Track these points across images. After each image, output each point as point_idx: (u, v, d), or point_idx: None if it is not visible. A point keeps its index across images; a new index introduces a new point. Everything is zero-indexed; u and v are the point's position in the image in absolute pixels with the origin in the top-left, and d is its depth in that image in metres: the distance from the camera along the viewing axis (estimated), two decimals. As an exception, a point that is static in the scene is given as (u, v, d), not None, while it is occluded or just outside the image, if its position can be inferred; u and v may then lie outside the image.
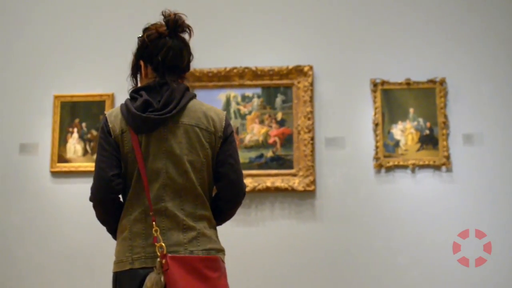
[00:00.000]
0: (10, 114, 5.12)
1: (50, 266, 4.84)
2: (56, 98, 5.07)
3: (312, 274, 4.73)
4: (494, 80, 4.86)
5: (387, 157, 4.78)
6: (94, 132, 5.00)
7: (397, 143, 4.80)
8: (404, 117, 4.82)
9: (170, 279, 2.21)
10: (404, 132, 4.78)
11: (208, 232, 2.41)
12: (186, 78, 2.56)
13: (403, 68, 4.88)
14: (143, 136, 2.38)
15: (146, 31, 2.51)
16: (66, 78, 5.10)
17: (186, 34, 2.54)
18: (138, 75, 2.59)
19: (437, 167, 4.77)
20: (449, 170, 4.75)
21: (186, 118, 2.41)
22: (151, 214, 2.32)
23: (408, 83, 4.84)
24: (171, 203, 2.36)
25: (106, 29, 5.17)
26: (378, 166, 4.79)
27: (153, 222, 2.31)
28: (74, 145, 5.00)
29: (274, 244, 4.78)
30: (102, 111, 4.98)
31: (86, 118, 5.05)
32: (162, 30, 2.45)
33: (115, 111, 2.47)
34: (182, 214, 2.36)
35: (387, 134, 4.80)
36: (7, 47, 5.24)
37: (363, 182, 4.82)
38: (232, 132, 2.51)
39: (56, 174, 4.96)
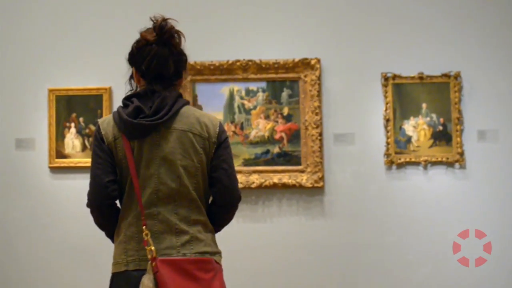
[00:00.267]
0: (4, 108, 5.04)
1: (51, 263, 4.84)
2: (50, 92, 4.97)
3: (320, 272, 4.72)
4: (510, 75, 4.77)
5: (399, 153, 4.72)
6: (92, 127, 4.92)
7: (409, 139, 4.74)
8: (416, 112, 4.75)
9: (160, 281, 2.26)
10: (416, 128, 4.73)
11: (201, 236, 2.44)
12: (178, 85, 2.57)
13: (416, 61, 4.79)
14: (136, 142, 2.41)
15: (139, 38, 2.52)
16: (61, 71, 5.01)
17: (182, 39, 2.55)
18: (133, 80, 2.62)
19: (450, 164, 4.72)
20: (462, 167, 4.71)
21: (178, 124, 2.44)
22: (142, 218, 2.37)
23: (421, 77, 4.76)
24: (164, 208, 2.40)
25: (102, 19, 5.05)
26: (389, 163, 4.73)
27: (143, 227, 2.36)
28: (72, 140, 4.96)
29: (281, 241, 4.76)
30: (100, 106, 4.92)
31: (83, 112, 4.97)
32: (150, 37, 2.44)
33: (108, 119, 2.50)
34: (175, 219, 2.40)
35: (399, 130, 4.74)
36: (-1, 39, 5.13)
37: (374, 179, 4.77)
38: (226, 138, 2.53)
39: (55, 169, 4.92)
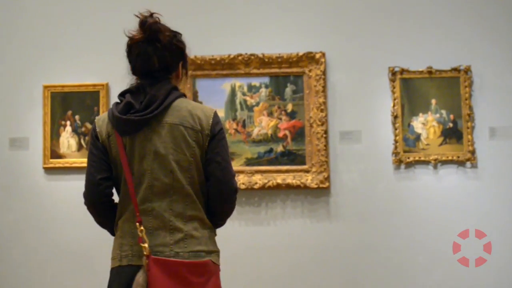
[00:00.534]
0: (-3, 105, 5.01)
1: (46, 267, 4.79)
2: (45, 88, 4.91)
3: (326, 277, 4.66)
4: (524, 68, 4.75)
5: (407, 152, 4.67)
6: (88, 125, 4.86)
7: (418, 137, 4.68)
8: (425, 108, 4.69)
9: (150, 281, 2.29)
10: (425, 125, 4.67)
11: (197, 233, 2.43)
12: (175, 77, 2.58)
13: (425, 55, 4.74)
14: (128, 138, 2.44)
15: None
16: (56, 67, 4.96)
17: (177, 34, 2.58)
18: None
19: (461, 163, 4.66)
20: (474, 166, 4.65)
21: (170, 117, 2.44)
22: (137, 214, 2.39)
23: (430, 72, 4.70)
24: (159, 203, 2.41)
25: (99, 13, 4.99)
26: (397, 162, 4.67)
27: (137, 223, 2.38)
28: (67, 139, 4.88)
29: (285, 244, 4.70)
30: (97, 103, 4.85)
31: (79, 110, 4.89)
32: (136, 35, 2.48)
33: (103, 116, 2.54)
34: (170, 215, 2.41)
35: (407, 127, 4.68)
36: (-8, 35, 5.08)
37: (381, 179, 4.71)
38: (220, 130, 2.52)
39: (49, 170, 4.86)
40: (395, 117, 4.67)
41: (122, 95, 2.52)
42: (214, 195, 2.50)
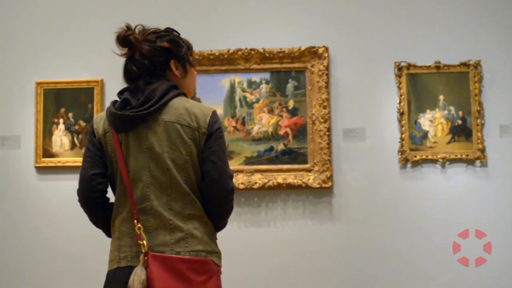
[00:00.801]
0: (-13, 103, 5.02)
1: (37, 270, 4.76)
2: (38, 85, 4.88)
3: (328, 281, 4.60)
4: (536, 63, 4.73)
5: (414, 150, 4.62)
6: (82, 123, 4.83)
7: (425, 135, 4.62)
8: (433, 105, 4.63)
9: (148, 277, 2.28)
10: (433, 122, 4.62)
11: (197, 233, 2.44)
12: (171, 76, 2.58)
13: (432, 49, 4.69)
14: (123, 135, 2.46)
15: None
16: (49, 63, 4.94)
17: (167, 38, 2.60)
18: None
19: (470, 162, 4.60)
20: (484, 164, 4.59)
21: (166, 115, 2.46)
22: (135, 212, 2.40)
23: (437, 67, 4.65)
24: (157, 202, 2.42)
25: (93, 7, 4.97)
26: (404, 161, 4.61)
27: (134, 221, 2.39)
28: (60, 137, 4.84)
29: (286, 247, 4.65)
30: (91, 100, 4.82)
31: (73, 107, 4.86)
32: (122, 53, 2.56)
33: (102, 113, 2.59)
34: (169, 214, 2.41)
35: (414, 124, 4.63)
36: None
37: (387, 179, 4.65)
38: (218, 129, 2.52)
39: (41, 170, 4.84)
40: (401, 114, 4.61)
41: (120, 93, 2.55)
42: (209, 195, 2.50)
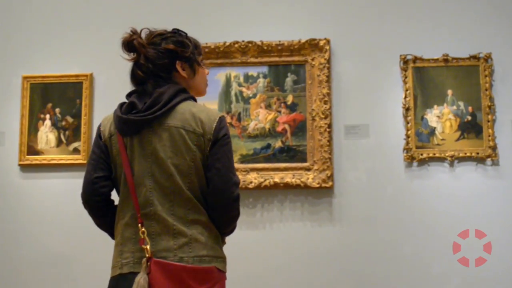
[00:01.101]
0: (-29, 98, 5.01)
1: (19, 275, 4.71)
2: (25, 79, 4.86)
3: (328, 286, 4.51)
4: (549, 56, 4.65)
5: (420, 148, 4.53)
6: (69, 119, 4.77)
7: (432, 132, 4.54)
8: (441, 100, 4.56)
9: (151, 283, 2.30)
10: (441, 118, 4.53)
11: (202, 237, 2.44)
12: (178, 78, 2.58)
13: (440, 41, 4.61)
14: (128, 138, 2.49)
15: None
16: (37, 56, 4.92)
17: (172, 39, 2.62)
18: None
19: (480, 160, 4.49)
20: (495, 163, 4.48)
21: (172, 120, 2.48)
22: (139, 216, 2.42)
23: (446, 60, 4.58)
24: (161, 207, 2.43)
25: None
26: (409, 159, 4.52)
27: (138, 225, 2.41)
28: (46, 134, 4.79)
29: (283, 250, 4.57)
30: (79, 95, 4.77)
31: (60, 102, 4.81)
32: (130, 58, 2.60)
33: (110, 115, 2.62)
34: (172, 219, 2.42)
35: (420, 120, 4.55)
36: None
37: (391, 178, 4.56)
38: (225, 135, 2.52)
39: (25, 167, 4.81)
40: (407, 109, 4.54)
41: (129, 95, 2.58)
42: (213, 203, 2.50)
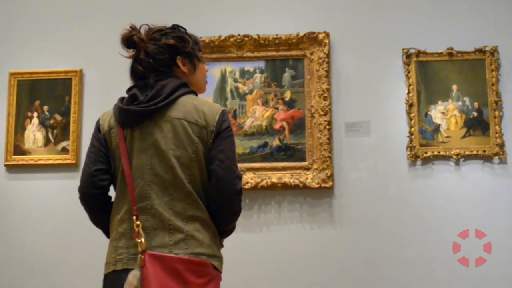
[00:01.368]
0: (-45, 95, 4.93)
1: (5, 277, 4.63)
2: (12, 75, 4.80)
3: None
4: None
5: (424, 145, 4.45)
6: (58, 117, 4.70)
7: (436, 129, 4.46)
8: (445, 96, 4.48)
9: (144, 277, 2.27)
10: (445, 114, 4.46)
11: (199, 235, 2.42)
12: (179, 73, 2.61)
13: (444, 34, 4.54)
14: (128, 130, 2.50)
15: None
16: (24, 52, 4.87)
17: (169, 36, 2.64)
18: None
19: (487, 158, 4.41)
20: (502, 161, 4.39)
21: (174, 112, 2.49)
22: (134, 209, 2.41)
23: (450, 54, 4.51)
24: (158, 201, 2.43)
25: None
26: (413, 157, 4.43)
27: (133, 217, 2.39)
28: (33, 133, 4.72)
29: (281, 254, 4.48)
30: (68, 92, 4.72)
31: (49, 100, 4.76)
32: (129, 55, 2.63)
33: (110, 109, 2.64)
34: (169, 214, 2.41)
35: (424, 117, 4.48)
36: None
37: (394, 177, 4.47)
38: (227, 127, 2.55)
39: (11, 168, 4.74)
40: (410, 105, 4.47)
41: (129, 90, 2.59)
42: (215, 196, 2.49)
